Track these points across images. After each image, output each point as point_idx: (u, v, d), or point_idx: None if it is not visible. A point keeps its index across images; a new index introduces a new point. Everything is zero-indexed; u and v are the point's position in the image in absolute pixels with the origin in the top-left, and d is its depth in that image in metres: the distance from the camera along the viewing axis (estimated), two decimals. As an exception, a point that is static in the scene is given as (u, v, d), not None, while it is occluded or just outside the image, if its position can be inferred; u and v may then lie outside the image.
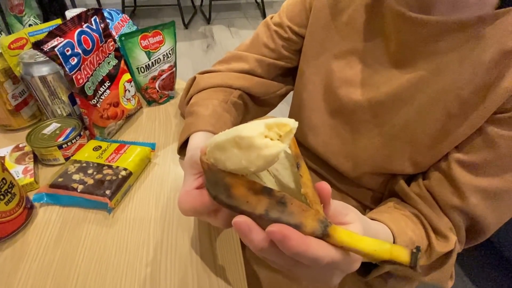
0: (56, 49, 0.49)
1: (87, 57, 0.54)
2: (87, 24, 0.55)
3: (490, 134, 0.39)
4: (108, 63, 0.60)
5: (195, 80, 0.60)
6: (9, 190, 0.41)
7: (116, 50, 0.62)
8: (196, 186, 0.35)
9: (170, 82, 0.71)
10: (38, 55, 0.55)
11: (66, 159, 0.54)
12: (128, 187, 0.50)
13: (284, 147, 0.24)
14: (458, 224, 0.43)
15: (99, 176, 0.48)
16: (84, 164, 0.50)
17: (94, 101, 0.56)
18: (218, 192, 0.28)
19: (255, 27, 2.92)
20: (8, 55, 0.55)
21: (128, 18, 0.75)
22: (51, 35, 0.50)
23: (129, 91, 0.64)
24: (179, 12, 3.03)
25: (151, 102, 0.71)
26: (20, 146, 0.55)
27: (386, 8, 0.44)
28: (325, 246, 0.25)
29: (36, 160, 0.54)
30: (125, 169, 0.50)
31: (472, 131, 0.40)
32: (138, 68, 0.65)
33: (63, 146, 0.53)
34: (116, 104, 0.61)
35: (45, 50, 0.48)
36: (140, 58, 0.64)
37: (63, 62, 0.50)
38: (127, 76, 0.64)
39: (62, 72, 0.51)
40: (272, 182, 0.31)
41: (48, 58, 0.49)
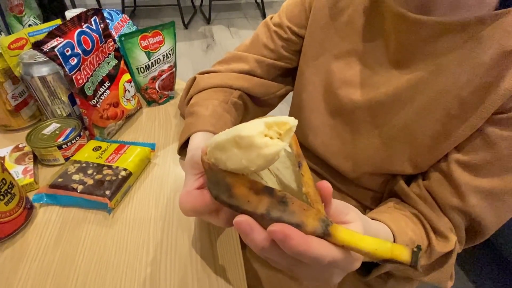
0: (56, 49, 0.49)
1: (87, 57, 0.54)
2: (87, 25, 0.55)
3: (490, 135, 0.39)
4: (108, 63, 0.60)
5: (195, 80, 0.60)
6: (9, 191, 0.41)
7: (116, 50, 0.62)
8: (197, 186, 0.35)
9: (170, 83, 0.71)
10: (38, 56, 0.55)
11: (66, 160, 0.54)
12: (128, 187, 0.50)
13: (283, 146, 0.24)
14: (458, 224, 0.43)
15: (99, 176, 0.48)
16: (84, 165, 0.50)
17: (94, 101, 0.56)
18: (220, 192, 0.28)
19: (255, 27, 2.93)
20: (8, 56, 0.55)
21: (128, 18, 0.75)
22: (51, 35, 0.50)
23: (129, 91, 0.64)
24: (179, 12, 3.03)
25: (151, 102, 0.71)
26: (20, 146, 0.55)
27: (385, 8, 0.44)
28: (326, 245, 0.25)
29: (36, 160, 0.54)
30: (125, 169, 0.49)
31: (472, 131, 0.40)
32: (138, 69, 0.65)
33: (63, 147, 0.53)
34: (116, 105, 0.61)
35: (45, 50, 0.48)
36: (140, 58, 0.64)
37: (63, 63, 0.50)
38: (127, 76, 0.64)
39: (62, 73, 0.51)
40: (273, 181, 0.31)
41: (48, 59, 0.49)
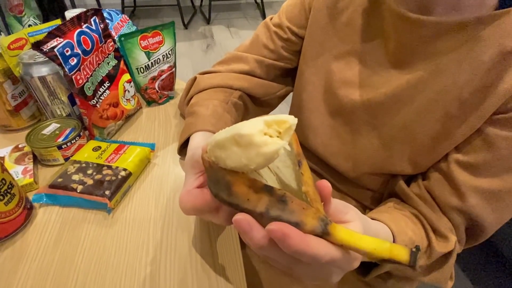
0: (55, 49, 0.49)
1: (86, 57, 0.54)
2: (86, 25, 0.55)
3: (490, 135, 0.39)
4: (108, 63, 0.60)
5: (195, 80, 0.60)
6: (8, 191, 0.41)
7: (116, 50, 0.62)
8: (197, 185, 0.35)
9: (169, 83, 0.71)
10: (37, 56, 0.55)
11: (66, 160, 0.54)
12: (127, 187, 0.50)
13: (283, 144, 0.24)
14: (457, 224, 0.43)
15: (98, 176, 0.48)
16: (84, 165, 0.50)
17: (94, 101, 0.56)
18: (219, 190, 0.28)
19: (255, 27, 2.92)
20: (8, 56, 0.55)
21: (128, 18, 0.76)
22: (51, 35, 0.50)
23: (128, 91, 0.64)
24: (178, 12, 3.03)
25: (150, 103, 0.71)
26: (20, 146, 0.55)
27: (385, 9, 0.44)
28: (325, 244, 0.25)
29: (36, 160, 0.54)
30: (124, 169, 0.49)
31: (471, 131, 0.40)
32: (137, 69, 0.65)
33: (63, 147, 0.53)
34: (116, 105, 0.61)
35: (44, 50, 0.48)
36: (139, 58, 0.64)
37: (62, 63, 0.50)
38: (126, 76, 0.64)
39: (62, 73, 0.51)
40: (273, 179, 0.31)
41: (47, 59, 0.49)
